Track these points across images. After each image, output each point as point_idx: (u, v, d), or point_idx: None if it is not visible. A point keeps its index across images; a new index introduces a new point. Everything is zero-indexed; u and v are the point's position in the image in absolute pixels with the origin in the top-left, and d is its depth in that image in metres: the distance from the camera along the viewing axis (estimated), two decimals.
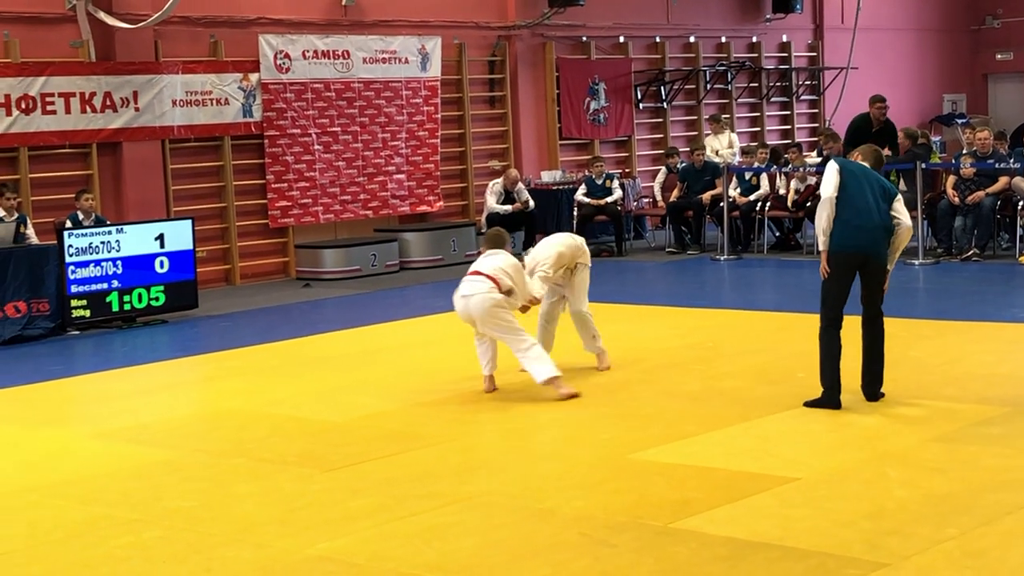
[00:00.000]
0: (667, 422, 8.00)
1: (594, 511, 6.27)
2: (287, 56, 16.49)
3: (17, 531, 6.38)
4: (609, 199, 17.60)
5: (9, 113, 14.18)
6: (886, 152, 16.27)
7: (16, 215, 13.24)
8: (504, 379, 9.53)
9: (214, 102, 15.89)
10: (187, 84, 15.60)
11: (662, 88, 20.78)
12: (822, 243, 7.97)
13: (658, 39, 20.94)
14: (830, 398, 8.02)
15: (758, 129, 22.28)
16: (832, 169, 8.01)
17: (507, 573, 5.46)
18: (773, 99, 22.60)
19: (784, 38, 22.82)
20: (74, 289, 12.67)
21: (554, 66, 19.48)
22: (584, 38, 19.99)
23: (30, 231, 13.27)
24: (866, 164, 8.17)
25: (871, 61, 23.25)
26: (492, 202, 17.68)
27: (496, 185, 17.76)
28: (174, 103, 15.49)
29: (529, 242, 17.92)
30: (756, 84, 22.25)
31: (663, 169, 18.71)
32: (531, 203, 17.80)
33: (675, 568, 5.44)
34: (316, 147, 16.89)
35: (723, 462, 7.05)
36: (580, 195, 17.73)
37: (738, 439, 7.53)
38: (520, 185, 17.82)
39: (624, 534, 5.89)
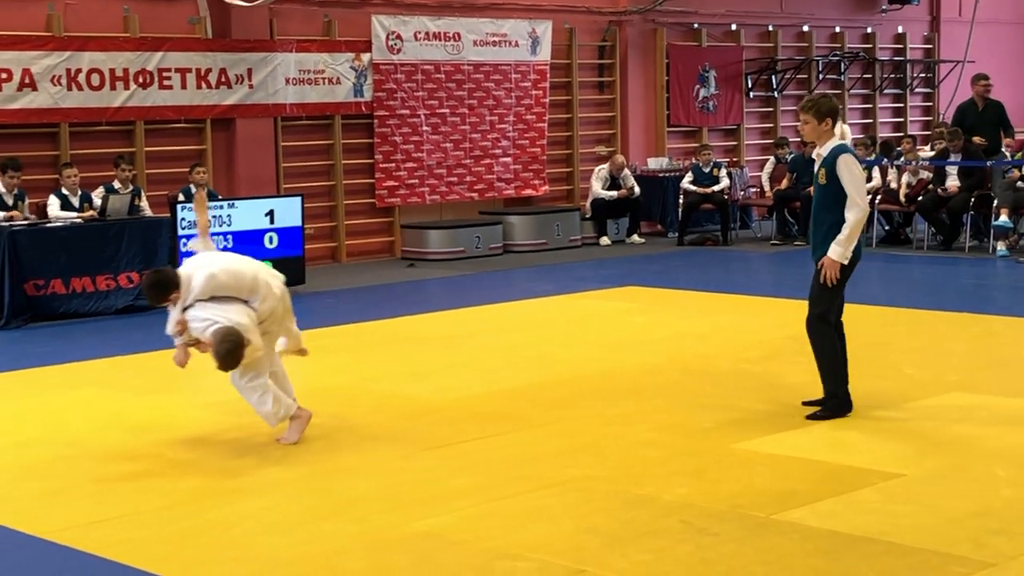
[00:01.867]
0: (770, 413, 7.93)
1: (695, 499, 6.24)
2: (399, 37, 16.60)
3: (124, 498, 6.51)
4: (716, 188, 17.50)
5: (127, 87, 14.46)
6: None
7: (131, 187, 13.51)
8: (605, 366, 9.53)
9: (326, 81, 16.05)
10: (300, 63, 15.77)
11: (773, 77, 20.58)
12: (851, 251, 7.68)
13: (771, 28, 20.72)
14: (846, 402, 7.82)
15: (870, 121, 21.96)
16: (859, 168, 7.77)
17: (606, 557, 5.46)
18: (886, 91, 22.25)
19: (899, 29, 22.45)
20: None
21: (664, 53, 19.38)
22: (695, 25, 19.85)
23: (144, 203, 13.54)
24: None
25: (987, 55, 22.76)
26: (597, 188, 17.67)
27: (602, 171, 17.74)
28: (287, 81, 15.68)
29: (634, 229, 17.90)
30: (869, 75, 21.93)
31: (772, 159, 18.53)
32: (637, 190, 17.74)
33: (776, 559, 5.40)
34: (424, 128, 16.98)
35: (827, 455, 6.98)
36: (687, 183, 17.64)
37: (842, 433, 7.44)
38: (626, 171, 17.77)
39: (725, 523, 5.86)
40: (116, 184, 13.44)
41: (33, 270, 12.03)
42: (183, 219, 12.88)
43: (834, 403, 7.75)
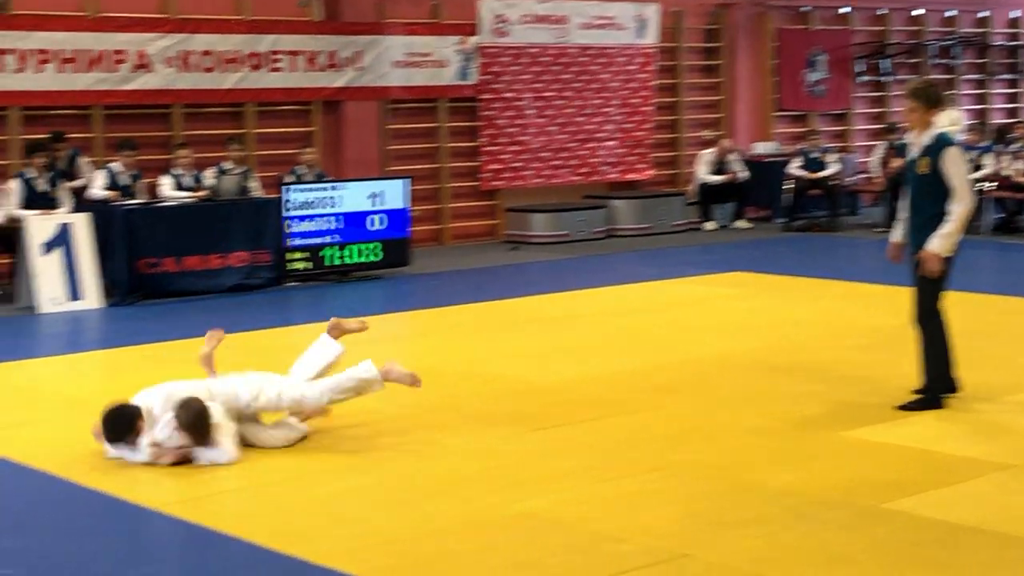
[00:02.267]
0: (878, 402, 7.83)
1: (803, 486, 6.20)
2: (505, 20, 16.63)
3: (235, 472, 6.62)
4: (824, 173, 17.29)
5: (239, 69, 14.67)
6: None
7: (241, 168, 13.71)
8: (710, 351, 9.49)
9: (432, 64, 16.13)
10: (407, 46, 15.87)
11: (883, 62, 20.24)
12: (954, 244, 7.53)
13: (882, 11, 20.38)
14: (948, 391, 7.68)
15: (983, 107, 21.53)
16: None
17: (712, 542, 5.44)
18: (999, 77, 21.79)
19: (1015, 14, 21.96)
20: (294, 242, 13.06)
21: (773, 36, 19.17)
22: (805, 8, 19.59)
23: (254, 184, 13.73)
24: None
25: None
26: (703, 172, 17.56)
27: (708, 155, 17.62)
28: (394, 64, 15.78)
29: (740, 214, 17.76)
30: (983, 61, 21.49)
31: (882, 144, 18.24)
32: (743, 174, 17.60)
33: (886, 548, 5.35)
34: (529, 111, 17.00)
35: (938, 445, 6.88)
36: (794, 168, 17.45)
37: (952, 423, 7.33)
38: (733, 156, 17.64)
39: (834, 511, 5.82)
40: (227, 165, 13.65)
41: (146, 249, 12.28)
42: (292, 200, 13.04)
43: (931, 395, 7.63)
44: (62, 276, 11.78)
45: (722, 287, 12.60)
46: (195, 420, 6.64)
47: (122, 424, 6.71)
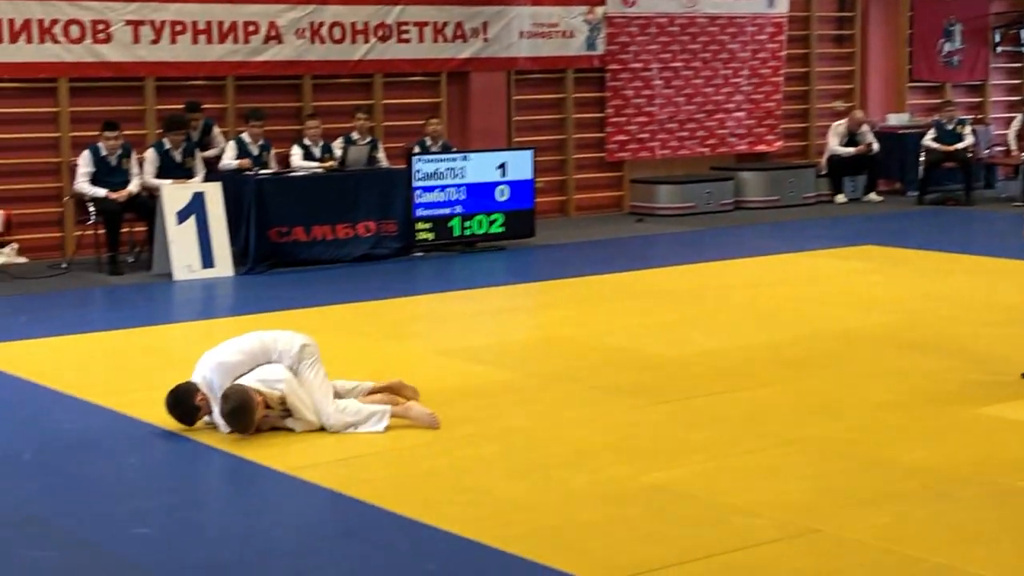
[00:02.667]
0: (1014, 378, 7.63)
1: (935, 463, 6.08)
2: None
3: (368, 438, 6.68)
4: (959, 145, 16.89)
5: (367, 40, 14.78)
6: None
7: (369, 139, 13.82)
8: (840, 326, 9.34)
9: (559, 35, 16.08)
10: (535, 16, 15.83)
11: (1022, 32, 19.67)
12: None
13: None
14: None
15: None
16: None
17: (843, 518, 5.36)
18: None
19: None
20: (420, 213, 13.15)
21: (908, 5, 18.76)
22: None
23: (381, 154, 13.84)
24: None
25: None
26: (834, 144, 17.27)
27: (839, 126, 17.32)
28: (521, 35, 15.76)
29: (871, 187, 17.44)
30: None
31: (1019, 116, 17.77)
32: (875, 146, 17.27)
33: (1020, 527, 5.22)
34: (656, 82, 16.87)
35: None
36: (928, 140, 17.07)
37: None
38: (865, 127, 17.31)
39: (967, 488, 5.70)
40: (355, 135, 13.78)
41: (277, 217, 12.45)
42: (418, 171, 13.12)
43: None
44: (195, 244, 12.01)
45: (852, 261, 12.39)
46: (232, 417, 6.59)
47: (180, 406, 6.76)
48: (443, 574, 4.90)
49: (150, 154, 12.63)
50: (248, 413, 6.56)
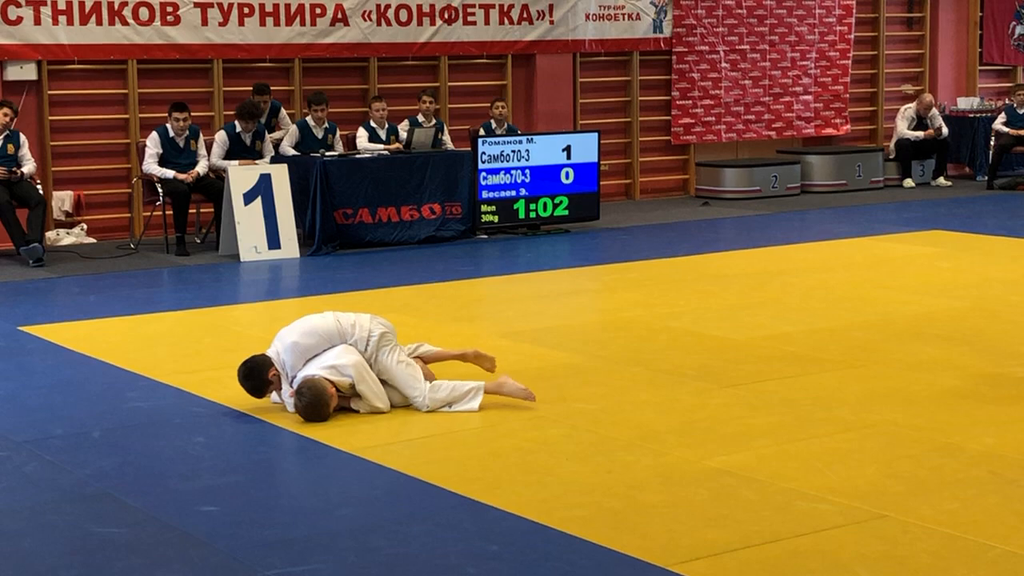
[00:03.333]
0: None
1: (1004, 450, 6.01)
2: None
3: (433, 419, 6.72)
4: None
5: (433, 23, 14.80)
6: None
7: (435, 121, 13.85)
8: (908, 311, 9.25)
9: (626, 17, 16.02)
10: None
11: None
12: None
13: None
14: None
15: None
16: None
17: (910, 504, 5.31)
18: None
19: None
20: (484, 195, 13.16)
21: None
22: None
23: (446, 137, 13.86)
24: None
25: None
26: (903, 128, 17.09)
27: (908, 110, 17.14)
28: (587, 17, 15.73)
29: (940, 171, 17.24)
30: None
31: None
32: (945, 130, 17.07)
33: None
34: (723, 65, 16.76)
35: None
36: (999, 124, 16.85)
37: None
38: (934, 111, 17.11)
39: None
40: (420, 118, 13.81)
41: (343, 199, 12.52)
42: (483, 153, 13.13)
43: None
44: (262, 225, 12.10)
45: (921, 246, 12.26)
46: (308, 411, 6.62)
47: (252, 377, 6.80)
48: (507, 555, 4.91)
49: (220, 136, 12.73)
50: (324, 407, 6.62)
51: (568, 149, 13.68)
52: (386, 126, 13.55)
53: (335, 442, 6.34)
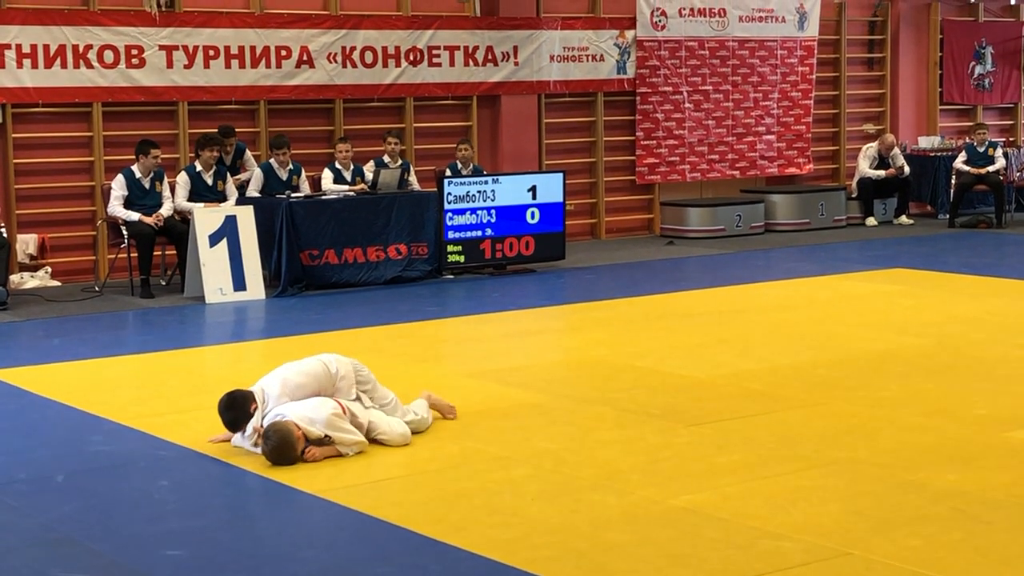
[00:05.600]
0: None
1: (967, 486, 6.05)
2: (663, 14, 16.55)
3: (398, 460, 6.73)
4: (991, 168, 16.84)
5: (399, 64, 14.88)
6: None
7: (400, 162, 13.89)
8: (871, 348, 9.32)
9: (590, 58, 16.14)
10: (565, 40, 15.91)
11: None
12: None
13: None
14: None
15: None
16: None
17: (874, 541, 5.34)
18: None
19: None
20: (450, 235, 13.19)
21: (938, 28, 18.75)
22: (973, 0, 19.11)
23: (412, 177, 13.89)
24: None
25: None
26: (865, 167, 17.26)
27: (870, 149, 17.31)
28: (551, 58, 15.84)
29: (902, 210, 17.40)
30: None
31: None
32: (906, 169, 17.24)
33: None
34: (686, 105, 16.90)
35: None
36: (960, 163, 17.04)
37: None
38: (896, 150, 17.29)
39: (999, 512, 5.67)
40: (386, 159, 13.84)
41: (309, 240, 12.52)
42: (449, 194, 13.17)
43: None
44: (227, 267, 12.08)
45: (884, 284, 12.36)
46: (272, 455, 6.60)
47: (232, 410, 6.76)
48: None
49: (182, 178, 12.73)
50: (290, 449, 6.59)
51: (533, 189, 13.74)
52: (351, 167, 13.58)
53: (300, 484, 6.33)
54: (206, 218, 12.15)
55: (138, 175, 12.46)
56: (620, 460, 6.64)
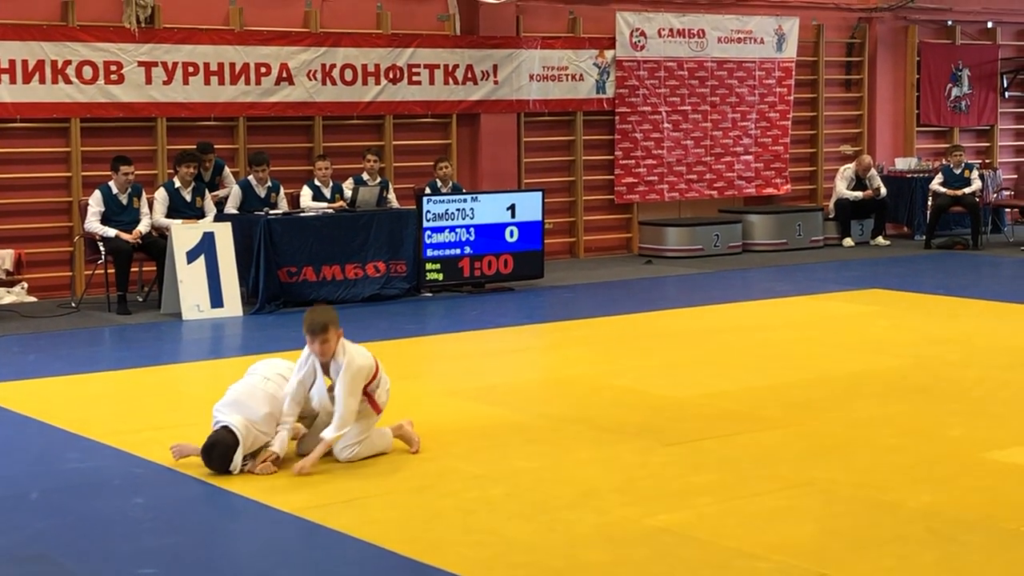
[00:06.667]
0: (1022, 423, 7.66)
1: (942, 507, 6.07)
2: (643, 34, 16.61)
3: (374, 479, 6.71)
4: (967, 190, 16.93)
5: (378, 82, 14.89)
6: None
7: (379, 179, 13.89)
8: (848, 369, 9.34)
9: (569, 78, 16.19)
10: (544, 59, 15.96)
11: None
12: None
13: None
14: None
15: None
16: None
17: (849, 561, 5.36)
18: None
19: None
20: (429, 253, 13.20)
21: (916, 50, 18.86)
22: (950, 22, 19.24)
23: (391, 195, 13.90)
24: None
25: None
26: (842, 188, 17.34)
27: (847, 170, 17.39)
28: (531, 77, 15.88)
29: (879, 231, 17.47)
30: None
31: None
32: (883, 190, 17.33)
33: None
34: (665, 125, 16.95)
35: None
36: (936, 184, 17.12)
37: None
38: (873, 171, 17.37)
39: (974, 533, 5.69)
40: (365, 176, 13.85)
41: (287, 257, 12.50)
42: (428, 212, 13.17)
43: None
44: (205, 284, 12.05)
45: (861, 304, 12.41)
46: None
47: (220, 456, 6.73)
48: None
49: (160, 194, 12.71)
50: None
51: (512, 208, 13.76)
52: (331, 184, 13.58)
53: (276, 502, 6.31)
54: (184, 234, 12.12)
55: (115, 191, 12.42)
56: (597, 479, 6.64)
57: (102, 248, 12.38)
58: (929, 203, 17.24)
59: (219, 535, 6.16)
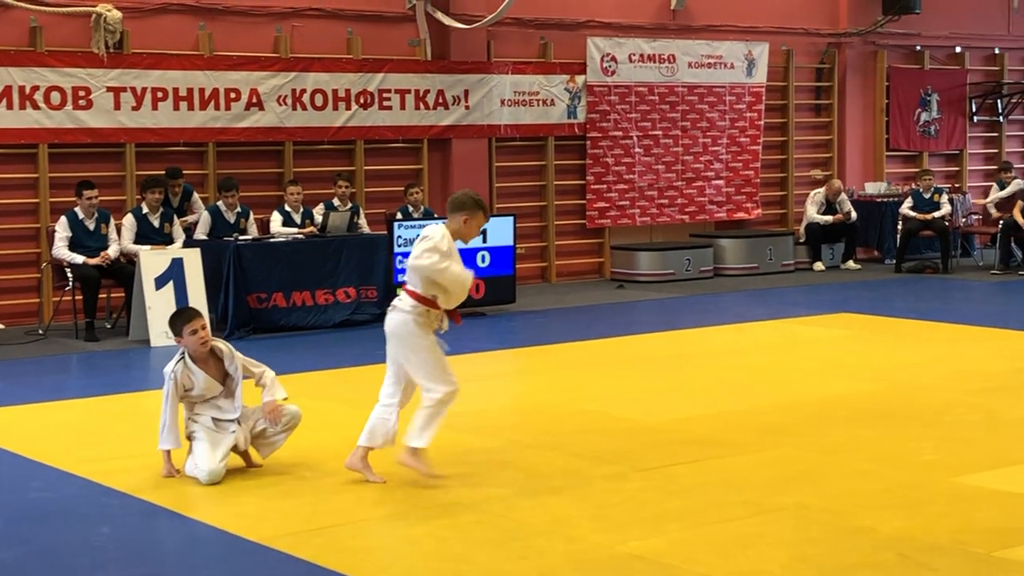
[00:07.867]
0: (993, 447, 7.67)
1: (913, 532, 6.06)
2: (613, 59, 16.65)
3: (344, 507, 6.66)
4: (936, 214, 17.02)
5: (349, 107, 14.87)
6: None
7: (350, 205, 13.85)
8: (819, 393, 9.35)
9: (540, 103, 16.21)
10: (516, 84, 15.97)
11: (999, 101, 19.91)
12: None
13: (997, 51, 20.07)
14: None
15: None
16: None
17: None
18: None
19: None
20: (400, 278, 13.14)
21: (885, 75, 18.97)
22: (918, 47, 19.37)
23: (362, 220, 13.86)
24: None
25: None
26: (812, 212, 17.40)
27: (818, 195, 17.46)
28: (502, 102, 15.89)
29: (849, 255, 17.53)
30: None
31: (996, 185, 17.94)
32: (853, 215, 17.40)
33: None
34: (636, 150, 16.99)
35: None
36: (906, 208, 17.21)
37: None
38: (843, 196, 17.45)
39: (945, 558, 5.67)
40: (335, 201, 13.81)
41: (256, 283, 12.44)
42: (399, 237, 13.13)
43: None
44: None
45: (832, 328, 12.43)
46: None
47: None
48: None
49: (128, 220, 12.63)
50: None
51: (484, 232, 13.67)
52: (301, 210, 13.53)
53: (244, 531, 6.24)
54: (152, 261, 12.04)
55: (81, 216, 12.35)
56: (569, 506, 6.60)
57: (69, 275, 12.29)
58: (899, 227, 17.32)
59: (187, 566, 6.09)
